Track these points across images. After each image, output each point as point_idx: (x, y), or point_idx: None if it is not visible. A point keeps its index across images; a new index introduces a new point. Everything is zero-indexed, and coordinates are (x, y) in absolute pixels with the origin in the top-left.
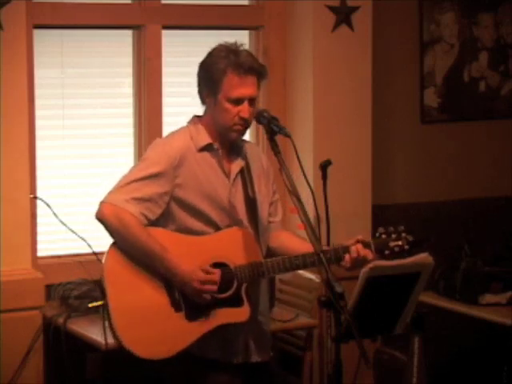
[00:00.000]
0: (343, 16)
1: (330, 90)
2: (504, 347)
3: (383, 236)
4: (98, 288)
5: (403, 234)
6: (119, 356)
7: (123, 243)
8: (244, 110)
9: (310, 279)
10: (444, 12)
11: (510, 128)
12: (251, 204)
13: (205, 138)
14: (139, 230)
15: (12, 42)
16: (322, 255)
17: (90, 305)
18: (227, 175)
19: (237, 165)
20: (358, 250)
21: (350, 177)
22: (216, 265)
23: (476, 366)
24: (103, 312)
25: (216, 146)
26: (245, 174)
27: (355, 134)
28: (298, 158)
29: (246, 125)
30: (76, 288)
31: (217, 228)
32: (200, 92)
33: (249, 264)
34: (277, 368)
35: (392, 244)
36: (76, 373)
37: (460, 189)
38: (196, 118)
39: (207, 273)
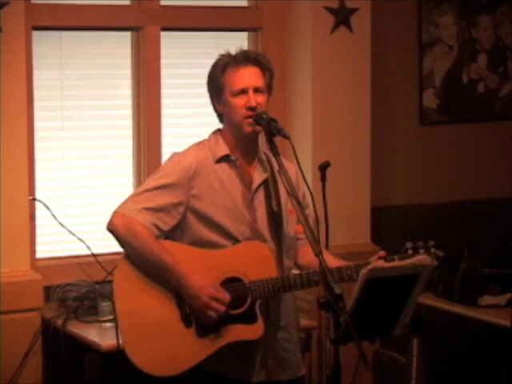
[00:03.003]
0: (342, 18)
1: (329, 92)
2: (503, 349)
3: (410, 251)
4: (96, 290)
5: (432, 250)
6: (118, 358)
7: (133, 254)
8: (249, 99)
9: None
10: (443, 14)
11: (509, 129)
12: (275, 218)
13: (223, 149)
14: (150, 241)
15: (11, 44)
16: (320, 257)
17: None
18: (248, 187)
19: (259, 176)
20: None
21: (349, 178)
22: (230, 280)
23: (475, 367)
24: (116, 325)
25: (234, 157)
26: (269, 187)
27: (354, 135)
28: (296, 159)
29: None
30: (75, 289)
31: (235, 241)
32: (213, 106)
33: (265, 280)
34: None
35: None
36: (75, 374)
37: (459, 190)
38: (217, 131)
39: (218, 292)
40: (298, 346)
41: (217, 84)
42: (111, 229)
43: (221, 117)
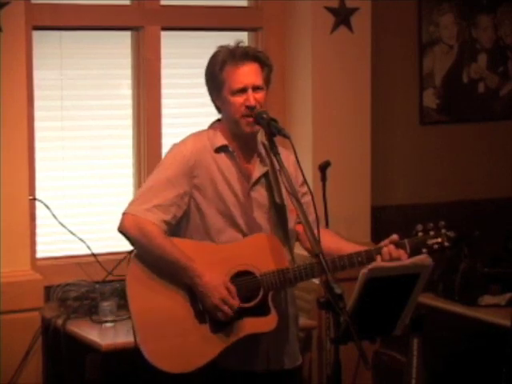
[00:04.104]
0: (342, 17)
1: (329, 92)
2: (503, 348)
3: (420, 234)
4: (96, 289)
5: (443, 231)
6: (118, 357)
7: (146, 254)
8: (248, 98)
9: (309, 280)
10: (443, 13)
11: (509, 129)
12: (279, 210)
13: (221, 140)
14: (162, 240)
15: (11, 44)
16: (321, 256)
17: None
18: (246, 179)
19: (259, 169)
20: (389, 252)
21: (349, 178)
22: (241, 273)
23: (475, 367)
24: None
25: (231, 148)
26: (270, 179)
27: (354, 135)
28: (297, 159)
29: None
30: (75, 289)
31: (234, 229)
32: (212, 99)
33: (275, 271)
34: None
35: (430, 241)
36: (75, 374)
37: (459, 190)
38: (216, 122)
39: (230, 293)
40: (296, 337)
41: (215, 80)
42: (123, 231)
43: (219, 109)
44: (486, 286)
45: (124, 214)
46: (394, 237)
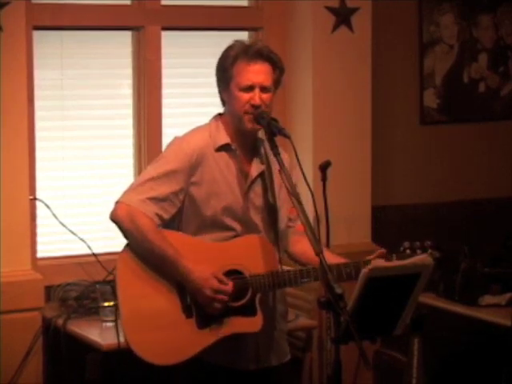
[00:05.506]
0: (343, 17)
1: (330, 91)
2: (503, 348)
3: (407, 251)
4: (97, 289)
5: (429, 250)
6: (118, 357)
7: (137, 245)
8: (254, 97)
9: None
10: (443, 13)
11: (509, 129)
12: (271, 210)
13: (223, 138)
14: (153, 233)
15: (12, 44)
16: (321, 256)
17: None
18: (245, 178)
19: (256, 168)
20: None
21: (349, 178)
22: (231, 272)
23: (475, 367)
24: (116, 313)
25: (234, 146)
26: (265, 178)
27: (355, 135)
28: (297, 158)
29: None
30: (75, 289)
31: (229, 230)
32: (219, 90)
33: (265, 274)
34: (290, 372)
35: None
36: (75, 374)
37: (459, 190)
38: (218, 116)
39: (221, 282)
40: (285, 334)
41: (225, 73)
42: (115, 220)
43: (224, 102)
44: (486, 285)
45: (118, 202)
46: (383, 251)
